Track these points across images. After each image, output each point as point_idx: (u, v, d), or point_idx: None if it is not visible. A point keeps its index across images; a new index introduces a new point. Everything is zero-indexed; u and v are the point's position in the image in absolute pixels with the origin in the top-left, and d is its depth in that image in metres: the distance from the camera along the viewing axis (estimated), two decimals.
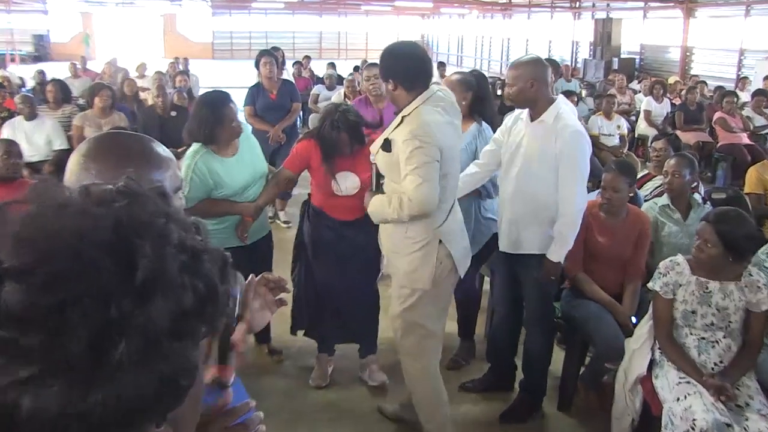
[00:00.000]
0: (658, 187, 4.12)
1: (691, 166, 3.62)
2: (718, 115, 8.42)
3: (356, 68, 11.22)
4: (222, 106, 3.10)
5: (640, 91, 10.92)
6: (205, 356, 0.64)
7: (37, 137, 5.85)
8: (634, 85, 12.52)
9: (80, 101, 8.04)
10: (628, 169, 3.38)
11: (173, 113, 6.39)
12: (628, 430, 2.89)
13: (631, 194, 3.36)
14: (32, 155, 5.69)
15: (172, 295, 0.54)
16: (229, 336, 1.11)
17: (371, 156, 2.85)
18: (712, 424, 2.42)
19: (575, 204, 2.93)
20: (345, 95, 7.13)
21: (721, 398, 2.54)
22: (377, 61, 3.14)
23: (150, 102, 7.04)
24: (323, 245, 3.42)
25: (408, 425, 3.18)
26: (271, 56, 5.85)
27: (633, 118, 9.63)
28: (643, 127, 9.05)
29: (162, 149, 1.17)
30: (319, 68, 12.76)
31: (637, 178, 3.79)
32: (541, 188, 2.96)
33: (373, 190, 2.90)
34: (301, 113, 8.03)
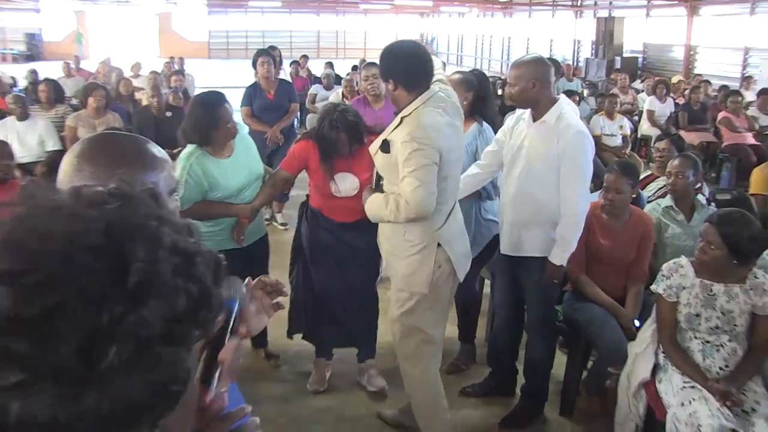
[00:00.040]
0: (661, 188, 4.13)
1: (695, 167, 3.62)
2: (722, 114, 8.43)
3: (354, 68, 11.22)
4: (217, 107, 3.11)
5: (642, 91, 10.93)
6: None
7: (29, 138, 5.85)
8: (637, 84, 12.55)
9: (73, 101, 8.04)
10: (631, 169, 3.38)
11: (168, 114, 6.39)
12: None
13: (633, 195, 3.36)
14: (24, 156, 5.69)
15: (165, 298, 0.53)
16: (216, 352, 0.96)
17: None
18: (717, 429, 2.42)
19: (578, 206, 2.93)
20: (343, 95, 7.14)
21: (727, 403, 2.53)
22: (376, 61, 3.14)
23: (145, 102, 7.04)
24: (321, 247, 3.42)
25: (407, 431, 3.17)
26: (269, 56, 5.85)
27: (636, 118, 9.64)
28: (646, 128, 9.07)
29: (157, 150, 1.17)
30: (317, 68, 12.75)
31: (639, 179, 3.79)
32: (544, 190, 2.96)
33: (372, 187, 2.90)
34: (298, 113, 8.04)
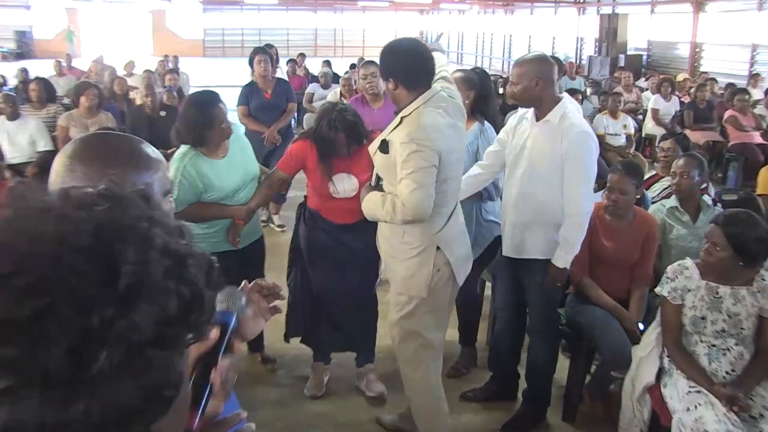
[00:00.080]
0: (666, 188, 4.13)
1: (701, 167, 3.62)
2: (729, 113, 8.44)
3: (353, 66, 11.23)
4: (211, 107, 3.10)
5: (647, 89, 10.94)
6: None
7: (20, 138, 5.84)
8: (641, 82, 12.56)
9: (65, 100, 8.04)
10: (635, 170, 3.38)
11: (163, 113, 6.38)
12: None
13: (637, 196, 3.37)
14: (15, 156, 5.68)
15: (156, 301, 0.53)
16: (207, 371, 0.93)
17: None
18: None
19: (581, 207, 2.92)
20: (341, 94, 7.15)
21: (734, 408, 2.53)
22: (374, 59, 3.14)
23: (138, 101, 7.04)
24: (320, 249, 3.42)
25: None
26: (266, 54, 5.85)
27: (640, 117, 9.66)
28: (650, 127, 9.08)
29: (151, 150, 1.17)
30: (314, 66, 12.76)
31: (644, 179, 3.79)
32: (547, 190, 2.96)
33: (372, 184, 2.89)
34: (295, 113, 8.03)
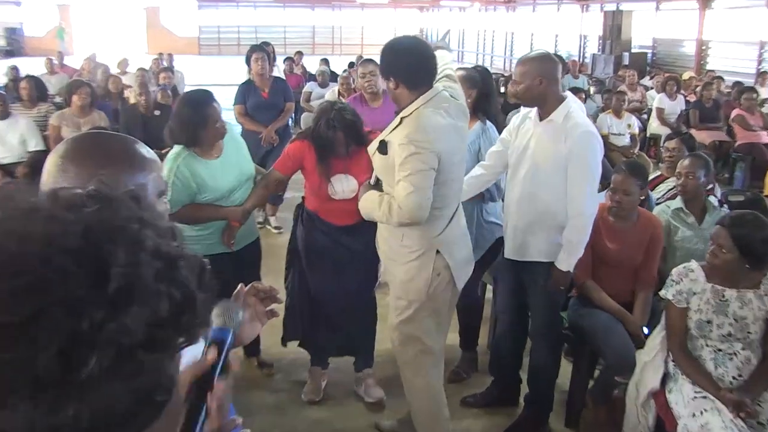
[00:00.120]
0: (671, 189, 4.13)
1: (706, 167, 3.62)
2: (736, 112, 8.43)
3: (351, 64, 11.22)
4: (205, 106, 3.10)
5: (652, 88, 10.94)
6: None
7: (10, 137, 5.84)
8: (646, 81, 12.56)
9: (57, 99, 8.04)
10: (639, 170, 3.38)
11: (157, 112, 6.39)
12: None
13: (642, 197, 3.37)
14: (5, 156, 5.69)
15: (147, 304, 0.53)
16: (203, 394, 0.91)
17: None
18: None
19: (585, 208, 2.92)
20: (339, 93, 7.14)
21: (741, 415, 2.53)
22: (373, 57, 3.13)
23: (132, 100, 7.05)
24: (318, 251, 3.41)
25: None
26: (263, 52, 5.85)
27: (644, 116, 9.66)
28: (655, 126, 9.08)
29: (146, 150, 1.17)
30: (312, 64, 12.76)
31: (648, 179, 3.79)
32: (550, 192, 2.96)
33: (371, 183, 2.88)
34: (293, 113, 8.03)
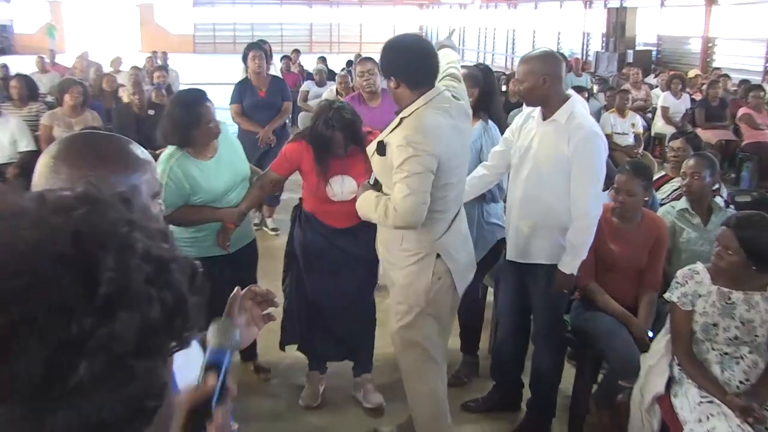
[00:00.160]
0: (676, 189, 4.13)
1: (712, 167, 3.62)
2: (743, 110, 8.44)
3: (349, 63, 11.22)
4: (197, 106, 3.09)
5: (656, 86, 10.96)
6: None
7: (0, 137, 5.84)
8: (651, 79, 12.58)
9: (48, 98, 8.03)
10: (644, 170, 3.38)
11: (151, 112, 6.38)
12: None
13: (646, 198, 3.37)
14: None
15: (138, 309, 0.53)
16: (202, 425, 0.92)
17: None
18: None
19: (589, 209, 2.92)
20: (337, 92, 7.14)
21: (748, 420, 2.52)
22: (372, 55, 3.12)
23: (125, 99, 7.04)
24: (316, 252, 3.40)
25: None
26: (261, 50, 5.85)
27: (649, 115, 9.66)
28: (660, 125, 9.09)
29: (140, 151, 1.17)
30: (309, 63, 12.77)
31: (653, 180, 3.79)
32: (553, 193, 2.95)
33: (371, 183, 2.88)
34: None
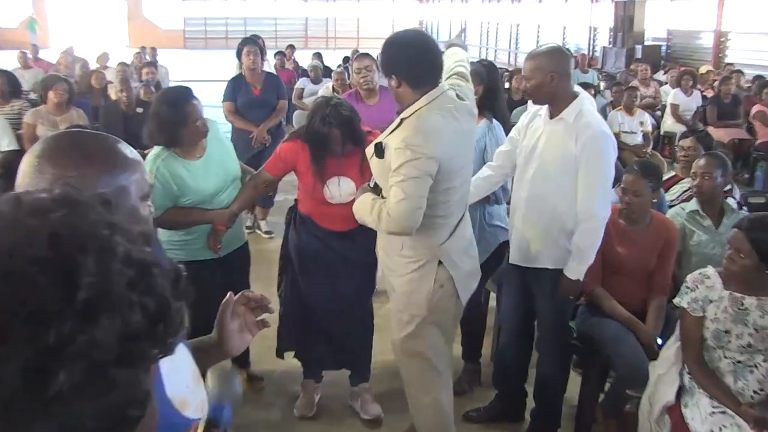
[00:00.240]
0: (686, 190, 4.13)
1: (724, 167, 3.62)
2: (756, 108, 8.44)
3: (346, 59, 11.23)
4: (184, 104, 3.08)
5: (666, 83, 10.96)
6: None
7: None
8: (660, 75, 12.58)
9: (31, 95, 8.01)
10: (652, 170, 3.38)
11: (139, 110, 6.37)
12: None
13: (654, 199, 3.36)
14: None
15: (119, 315, 0.53)
16: None
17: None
18: None
19: (597, 211, 2.92)
20: (333, 89, 7.15)
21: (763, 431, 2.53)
22: (369, 51, 3.12)
23: (113, 97, 7.04)
24: (311, 256, 3.39)
25: None
26: (256, 45, 5.83)
27: (658, 113, 9.66)
28: (669, 123, 9.09)
29: (128, 150, 1.17)
30: (304, 59, 12.77)
31: (662, 180, 3.79)
32: (559, 194, 2.96)
33: (370, 185, 2.87)
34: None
